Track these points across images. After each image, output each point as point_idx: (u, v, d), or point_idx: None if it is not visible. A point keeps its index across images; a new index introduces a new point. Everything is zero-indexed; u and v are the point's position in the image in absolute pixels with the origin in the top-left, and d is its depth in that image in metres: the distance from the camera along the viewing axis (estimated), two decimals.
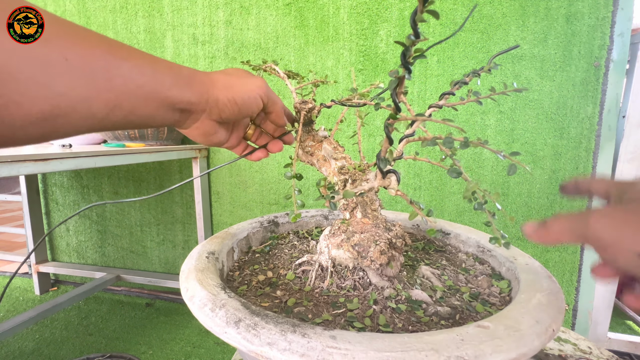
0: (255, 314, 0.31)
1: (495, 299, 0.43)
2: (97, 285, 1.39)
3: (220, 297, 0.34)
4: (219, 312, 0.31)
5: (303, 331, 0.28)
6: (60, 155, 0.80)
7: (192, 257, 0.44)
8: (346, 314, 0.38)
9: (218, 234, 0.51)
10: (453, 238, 0.60)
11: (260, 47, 1.27)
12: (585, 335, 1.14)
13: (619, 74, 1.01)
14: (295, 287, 0.44)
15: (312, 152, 0.51)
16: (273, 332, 0.28)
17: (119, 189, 1.53)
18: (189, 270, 0.40)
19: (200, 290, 0.35)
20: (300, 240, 0.59)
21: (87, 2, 1.41)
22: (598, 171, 1.06)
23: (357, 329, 0.35)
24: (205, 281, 0.37)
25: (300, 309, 0.39)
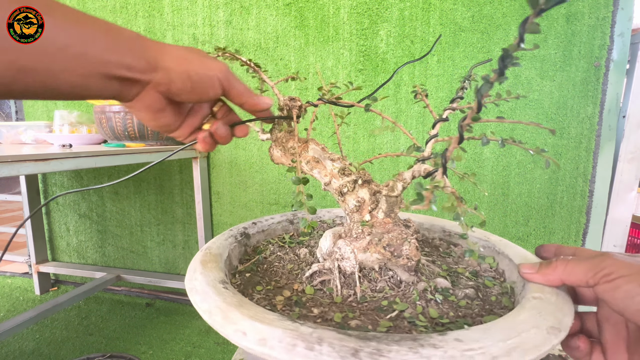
0: (363, 339, 0.26)
1: (492, 273, 0.48)
2: (97, 285, 1.39)
3: (302, 332, 0.27)
4: (323, 349, 0.25)
5: (429, 342, 0.26)
6: (61, 156, 0.80)
7: (207, 290, 0.35)
8: (401, 315, 0.37)
9: (203, 257, 0.42)
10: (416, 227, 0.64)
11: (261, 47, 1.27)
12: None
13: (619, 73, 1.01)
14: (324, 300, 0.40)
15: (299, 154, 0.48)
16: (403, 353, 0.25)
17: (119, 189, 1.53)
18: (222, 309, 0.31)
19: (271, 330, 0.27)
20: (281, 249, 0.54)
21: (87, 2, 1.41)
22: (598, 171, 1.06)
23: (435, 329, 0.34)
24: (258, 317, 0.30)
25: (355, 321, 0.35)
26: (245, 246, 0.54)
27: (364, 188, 0.45)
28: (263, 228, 0.58)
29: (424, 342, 0.26)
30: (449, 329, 0.35)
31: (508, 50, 0.25)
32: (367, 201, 0.44)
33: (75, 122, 1.26)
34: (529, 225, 1.14)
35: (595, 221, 1.09)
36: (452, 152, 0.35)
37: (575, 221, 1.10)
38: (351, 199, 0.44)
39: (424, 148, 0.43)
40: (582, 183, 1.08)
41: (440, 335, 0.27)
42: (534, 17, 0.24)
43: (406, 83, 1.16)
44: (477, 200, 1.16)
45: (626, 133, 1.07)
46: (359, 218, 0.44)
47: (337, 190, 0.46)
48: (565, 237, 1.12)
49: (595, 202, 1.08)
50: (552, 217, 1.12)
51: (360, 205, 0.44)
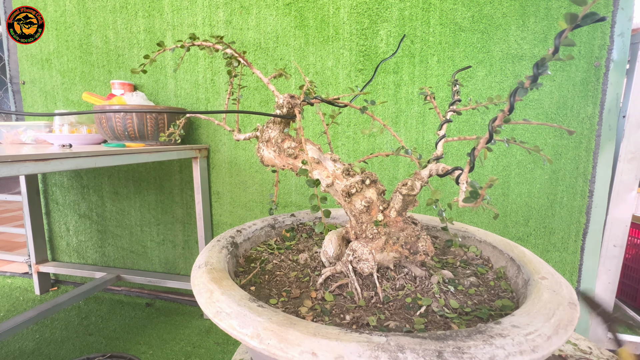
0: (439, 339, 0.27)
1: (480, 260, 0.51)
2: (97, 285, 1.39)
3: (378, 342, 0.27)
4: (408, 356, 0.25)
5: (494, 332, 0.28)
6: (61, 155, 0.80)
7: (242, 311, 0.31)
8: (429, 310, 0.38)
9: (211, 274, 0.39)
10: None
11: (260, 47, 1.27)
12: (586, 335, 1.14)
13: (619, 73, 1.01)
14: (348, 305, 0.39)
15: (296, 155, 0.46)
16: (480, 347, 0.26)
17: (119, 189, 1.53)
18: (274, 331, 0.28)
19: (343, 345, 0.26)
20: (274, 257, 0.52)
21: (87, 2, 1.41)
22: (598, 171, 1.06)
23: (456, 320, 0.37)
24: (321, 333, 0.27)
25: (391, 322, 0.35)
26: (236, 257, 0.51)
27: (370, 188, 0.44)
28: (248, 236, 0.55)
29: (491, 333, 0.27)
30: (477, 317, 0.37)
31: (544, 60, 0.26)
32: (376, 201, 0.44)
33: (75, 122, 1.26)
34: (529, 225, 1.14)
35: (595, 221, 1.09)
36: (480, 151, 0.36)
37: (575, 221, 1.10)
38: (358, 199, 0.44)
39: (409, 148, 0.43)
40: (582, 183, 1.08)
41: (496, 324, 0.29)
42: (568, 31, 0.24)
43: (406, 83, 1.16)
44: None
45: (626, 133, 1.07)
46: (367, 218, 0.44)
47: (343, 192, 0.44)
48: (565, 237, 1.12)
49: (595, 202, 1.08)
50: (552, 217, 1.12)
51: (369, 206, 0.43)
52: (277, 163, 0.48)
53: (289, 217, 0.65)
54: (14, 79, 1.58)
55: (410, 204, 0.43)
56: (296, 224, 0.65)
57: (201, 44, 0.48)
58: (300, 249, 0.55)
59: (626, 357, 0.35)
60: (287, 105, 0.45)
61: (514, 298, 0.42)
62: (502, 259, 0.50)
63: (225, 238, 0.51)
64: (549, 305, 0.33)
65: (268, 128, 0.48)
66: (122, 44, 1.41)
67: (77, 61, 1.47)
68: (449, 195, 1.19)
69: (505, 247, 0.51)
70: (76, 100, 1.51)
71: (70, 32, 1.45)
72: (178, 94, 1.39)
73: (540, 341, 0.28)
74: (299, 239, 0.60)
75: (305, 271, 0.47)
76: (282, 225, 0.63)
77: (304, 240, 0.59)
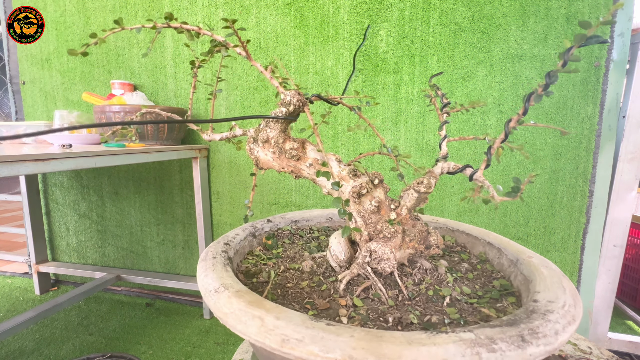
0: (511, 325, 0.29)
1: (458, 247, 0.54)
2: (97, 285, 1.39)
3: (468, 338, 0.27)
4: (502, 346, 0.26)
5: (538, 312, 0.31)
6: (60, 156, 0.80)
7: (304, 332, 0.28)
8: (453, 299, 0.40)
9: (238, 294, 0.35)
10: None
11: (260, 47, 1.27)
12: (586, 335, 1.14)
13: (619, 73, 1.01)
14: (381, 307, 0.38)
15: (299, 156, 0.44)
16: (544, 325, 0.29)
17: (119, 189, 1.53)
18: (365, 347, 0.26)
19: (438, 348, 0.26)
20: (271, 268, 0.48)
21: (87, 2, 1.41)
22: (598, 171, 1.06)
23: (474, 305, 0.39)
24: (407, 339, 0.27)
25: (431, 317, 0.36)
26: (235, 273, 0.45)
27: (378, 188, 0.44)
28: (236, 248, 0.52)
29: (541, 311, 0.31)
30: (492, 298, 0.40)
31: (556, 71, 0.29)
32: (384, 200, 0.44)
33: (75, 123, 1.26)
34: (529, 225, 1.14)
35: (595, 221, 1.09)
36: (496, 149, 0.39)
37: (575, 221, 1.10)
38: (367, 200, 0.43)
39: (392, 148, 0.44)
40: (582, 183, 1.08)
41: (534, 302, 0.33)
42: (575, 48, 0.26)
43: (406, 83, 1.16)
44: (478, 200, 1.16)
45: (626, 133, 1.07)
46: (377, 218, 0.43)
47: (354, 192, 0.43)
48: (565, 237, 1.12)
49: (595, 202, 1.08)
50: (552, 217, 1.12)
51: (379, 206, 0.43)
52: (275, 165, 0.45)
53: (265, 223, 0.60)
54: (14, 79, 1.58)
55: (422, 201, 0.43)
56: (274, 229, 0.61)
57: (180, 26, 0.39)
58: (291, 255, 0.51)
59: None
60: (297, 103, 0.42)
61: (505, 277, 0.47)
62: (479, 244, 0.55)
63: (219, 253, 0.46)
64: (554, 279, 0.37)
65: (267, 127, 0.45)
66: (122, 44, 1.41)
67: (77, 61, 1.47)
68: (447, 192, 1.19)
69: (479, 233, 0.56)
70: (76, 100, 1.51)
71: (70, 32, 1.45)
72: (178, 94, 1.39)
73: (573, 311, 0.32)
74: (282, 245, 0.55)
75: (315, 279, 0.44)
76: (261, 233, 0.58)
77: (289, 246, 0.55)
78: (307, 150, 0.45)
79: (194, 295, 1.50)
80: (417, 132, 1.17)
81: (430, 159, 1.18)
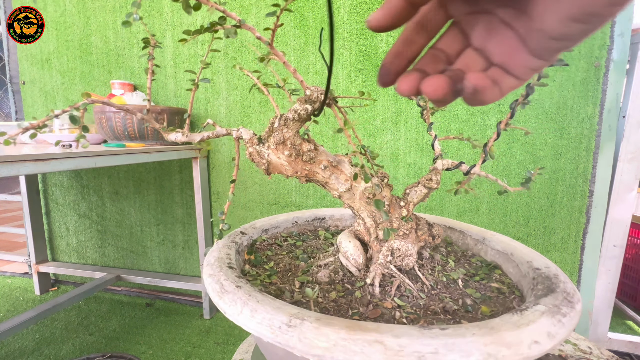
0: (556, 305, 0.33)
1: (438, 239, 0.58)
2: (97, 285, 1.39)
3: (541, 311, 0.31)
4: (565, 319, 0.30)
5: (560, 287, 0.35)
6: (60, 155, 0.80)
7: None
8: (464, 280, 0.45)
9: (325, 321, 0.30)
10: (329, 219, 0.67)
11: (260, 47, 1.27)
12: (586, 335, 1.14)
13: (619, 73, 1.01)
14: (419, 301, 0.39)
15: (314, 159, 0.41)
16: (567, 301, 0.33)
17: (119, 189, 1.53)
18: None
19: (531, 328, 0.28)
20: (278, 286, 0.43)
21: (87, 2, 1.41)
22: (598, 171, 1.06)
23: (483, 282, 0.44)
24: (501, 329, 0.27)
25: (464, 301, 0.39)
26: None
27: (386, 187, 0.44)
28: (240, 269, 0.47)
29: (557, 283, 0.36)
30: (485, 273, 0.47)
31: (532, 86, 0.34)
32: (392, 198, 0.44)
33: None
34: (529, 225, 1.14)
35: (595, 221, 1.09)
36: (491, 146, 0.42)
37: (575, 221, 1.10)
38: (378, 199, 0.44)
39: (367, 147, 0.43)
40: (582, 183, 1.08)
41: (538, 270, 0.40)
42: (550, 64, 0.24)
43: None
44: (477, 200, 1.16)
45: (626, 133, 1.07)
46: (387, 217, 0.43)
47: (367, 194, 0.42)
48: (565, 237, 1.12)
49: (595, 202, 1.08)
50: (552, 217, 1.12)
51: (389, 204, 0.43)
52: (288, 170, 0.40)
53: (241, 235, 0.53)
54: (13, 79, 1.58)
55: (427, 197, 0.45)
56: (250, 242, 0.55)
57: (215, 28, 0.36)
58: (287, 268, 0.47)
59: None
60: (320, 99, 0.38)
61: (475, 254, 0.54)
62: (455, 233, 0.61)
63: (243, 282, 0.37)
64: (527, 249, 0.47)
65: (285, 127, 0.39)
66: (122, 44, 1.41)
67: (77, 61, 1.47)
68: (470, 197, 1.19)
69: (440, 220, 0.61)
70: (76, 100, 1.51)
71: (70, 32, 1.45)
72: (178, 94, 1.39)
73: (561, 271, 0.40)
74: (268, 258, 0.49)
75: (339, 288, 0.41)
76: (242, 248, 0.52)
77: (275, 258, 0.49)
78: (319, 151, 0.42)
79: (194, 296, 1.50)
80: (417, 132, 1.17)
81: (430, 159, 1.18)
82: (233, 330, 1.29)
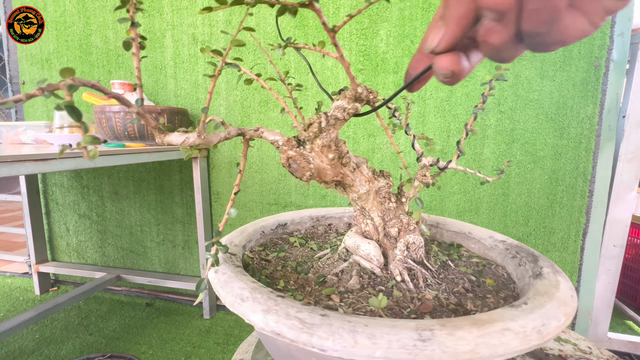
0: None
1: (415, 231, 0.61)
2: (97, 285, 1.39)
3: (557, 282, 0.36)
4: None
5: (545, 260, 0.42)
6: (60, 155, 0.80)
7: None
8: (454, 260, 0.49)
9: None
10: (290, 225, 0.66)
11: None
12: (586, 335, 1.14)
13: (619, 73, 1.01)
14: (443, 287, 0.41)
15: (349, 161, 0.38)
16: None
17: (119, 189, 1.53)
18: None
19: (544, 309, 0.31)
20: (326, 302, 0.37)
21: (87, 2, 1.41)
22: (598, 171, 1.06)
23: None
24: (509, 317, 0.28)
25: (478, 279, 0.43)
26: None
27: (392, 186, 0.47)
28: None
29: (536, 254, 0.43)
30: (457, 253, 0.52)
31: (486, 96, 0.39)
32: (393, 196, 0.45)
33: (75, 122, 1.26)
34: (529, 225, 1.14)
35: (595, 221, 1.09)
36: (462, 143, 0.45)
37: (575, 221, 1.10)
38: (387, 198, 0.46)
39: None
40: (582, 183, 1.08)
41: (503, 242, 0.49)
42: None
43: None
44: (477, 200, 1.16)
45: (626, 133, 1.07)
46: (393, 214, 0.44)
47: (386, 192, 0.42)
48: (565, 237, 1.12)
49: (595, 202, 1.08)
50: (552, 217, 1.12)
51: (396, 201, 0.45)
52: (329, 175, 0.36)
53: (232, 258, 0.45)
54: (13, 79, 1.58)
55: (418, 191, 0.47)
56: (242, 263, 0.45)
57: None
58: (300, 284, 0.41)
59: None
60: (369, 98, 0.36)
61: (434, 237, 0.59)
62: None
63: (314, 309, 0.31)
64: (487, 230, 0.54)
65: (334, 127, 0.35)
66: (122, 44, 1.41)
67: (77, 61, 1.47)
68: (447, 192, 1.19)
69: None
70: (76, 100, 1.51)
71: (70, 32, 1.45)
72: (178, 94, 1.39)
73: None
74: (267, 276, 0.43)
75: (373, 290, 0.39)
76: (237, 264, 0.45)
77: (278, 275, 0.43)
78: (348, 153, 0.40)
79: (194, 295, 1.50)
80: (417, 132, 1.17)
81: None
82: (233, 330, 1.29)
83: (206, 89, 1.35)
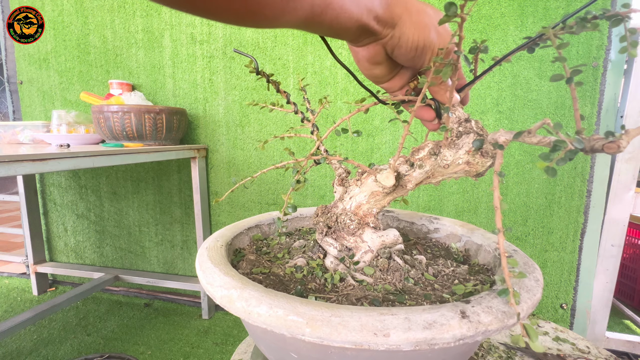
0: None
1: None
2: (95, 286, 1.39)
3: None
4: None
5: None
6: (58, 155, 0.80)
7: None
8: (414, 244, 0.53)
9: None
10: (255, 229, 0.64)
11: (259, 47, 1.27)
12: (584, 334, 1.14)
13: (616, 74, 1.02)
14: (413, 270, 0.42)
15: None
16: None
17: (117, 189, 1.52)
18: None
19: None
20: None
21: (85, 2, 1.41)
22: (596, 171, 1.07)
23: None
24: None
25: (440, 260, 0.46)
26: None
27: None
28: None
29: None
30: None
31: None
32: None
33: (73, 122, 1.25)
34: (527, 225, 1.14)
35: (593, 221, 1.09)
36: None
37: (574, 221, 1.11)
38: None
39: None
40: (580, 183, 1.08)
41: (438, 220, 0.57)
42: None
43: None
44: (476, 200, 1.16)
45: None
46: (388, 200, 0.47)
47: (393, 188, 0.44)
48: (563, 237, 1.12)
49: (593, 202, 1.08)
50: (550, 216, 1.12)
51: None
52: (413, 186, 0.43)
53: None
54: (11, 78, 1.57)
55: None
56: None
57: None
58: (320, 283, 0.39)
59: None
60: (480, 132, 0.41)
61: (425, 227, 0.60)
62: None
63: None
64: (448, 219, 0.59)
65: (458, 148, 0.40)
66: (120, 44, 1.40)
67: (75, 61, 1.47)
68: (446, 192, 1.19)
69: None
70: (74, 100, 1.50)
71: (68, 32, 1.45)
72: (176, 94, 1.38)
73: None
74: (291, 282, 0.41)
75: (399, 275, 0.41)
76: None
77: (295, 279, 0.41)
78: None
79: (192, 296, 1.50)
80: (417, 131, 1.17)
81: None
82: (232, 331, 1.29)
83: (204, 88, 1.35)
